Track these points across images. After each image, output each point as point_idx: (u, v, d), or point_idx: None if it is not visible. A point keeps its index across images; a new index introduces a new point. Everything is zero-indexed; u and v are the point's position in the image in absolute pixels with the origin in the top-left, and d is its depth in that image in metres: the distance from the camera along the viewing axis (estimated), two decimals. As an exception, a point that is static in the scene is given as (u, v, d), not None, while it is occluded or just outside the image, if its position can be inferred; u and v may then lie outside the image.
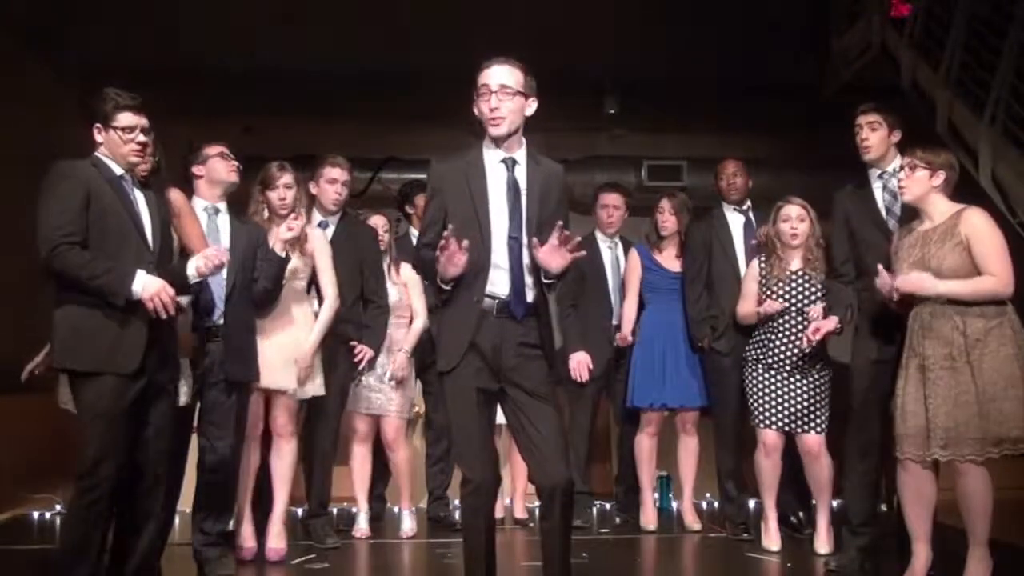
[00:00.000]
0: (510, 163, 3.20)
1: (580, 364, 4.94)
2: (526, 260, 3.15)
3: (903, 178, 3.75)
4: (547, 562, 3.15)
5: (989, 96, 5.30)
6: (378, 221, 4.94)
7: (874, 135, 4.17)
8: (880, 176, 4.22)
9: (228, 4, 6.25)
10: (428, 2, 6.42)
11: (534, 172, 3.21)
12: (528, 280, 3.16)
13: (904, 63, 6.15)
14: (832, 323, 4.18)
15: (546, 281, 3.14)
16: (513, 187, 3.18)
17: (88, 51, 6.46)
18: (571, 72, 6.72)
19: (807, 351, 4.35)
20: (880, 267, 3.80)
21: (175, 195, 3.91)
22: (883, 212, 4.16)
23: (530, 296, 3.17)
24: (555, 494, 3.08)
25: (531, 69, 3.23)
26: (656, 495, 5.32)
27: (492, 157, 3.22)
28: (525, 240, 3.14)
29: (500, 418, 3.39)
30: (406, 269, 4.94)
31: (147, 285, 3.20)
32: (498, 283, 3.15)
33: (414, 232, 5.32)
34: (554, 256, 3.06)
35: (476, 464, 3.13)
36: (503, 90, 3.14)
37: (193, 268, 3.45)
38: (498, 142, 3.19)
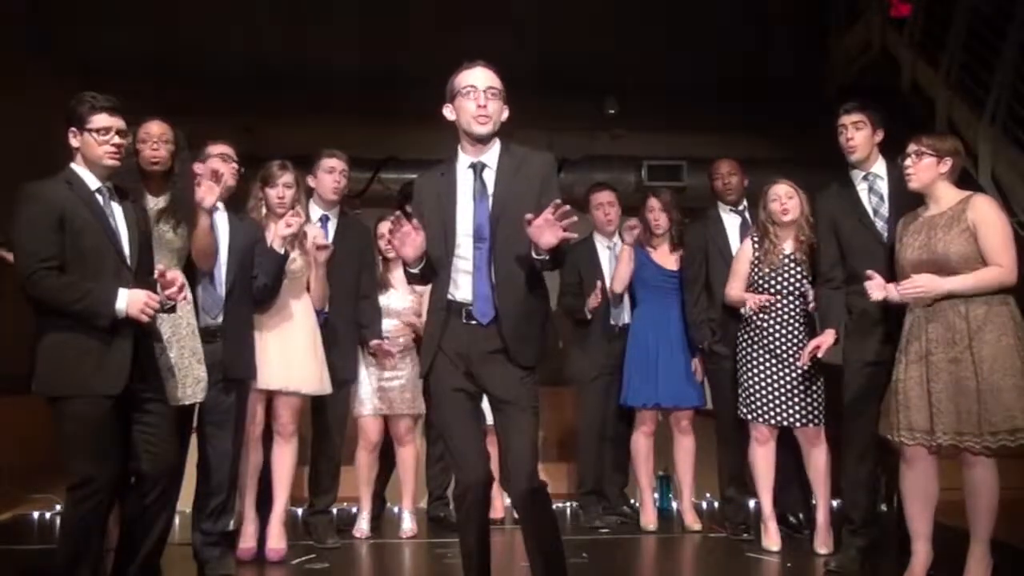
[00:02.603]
0: (479, 167, 3.19)
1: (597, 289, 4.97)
2: (493, 265, 3.14)
3: (909, 165, 3.73)
4: (531, 564, 3.17)
5: (989, 96, 5.31)
6: (386, 228, 4.89)
7: (859, 134, 4.16)
8: (865, 178, 4.20)
9: (228, 4, 6.26)
10: (428, 2, 6.43)
11: (506, 173, 3.18)
12: (495, 283, 3.14)
13: (904, 63, 6.16)
14: (830, 338, 4.15)
15: (536, 257, 3.05)
16: (480, 192, 3.17)
17: (88, 51, 6.47)
18: (571, 72, 6.74)
19: (806, 367, 4.33)
20: (870, 272, 3.78)
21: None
22: (871, 214, 4.14)
23: (497, 301, 3.13)
24: (517, 501, 3.15)
25: (531, 69, 3.23)
26: (656, 495, 5.31)
27: (463, 163, 3.22)
28: (492, 242, 3.13)
29: (491, 419, 3.40)
30: None
31: (131, 301, 3.15)
32: (464, 288, 3.16)
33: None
34: (545, 231, 2.97)
35: (464, 464, 3.15)
36: (490, 90, 3.14)
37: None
38: (476, 144, 3.18)
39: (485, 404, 3.28)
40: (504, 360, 3.13)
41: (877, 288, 3.73)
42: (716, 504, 5.41)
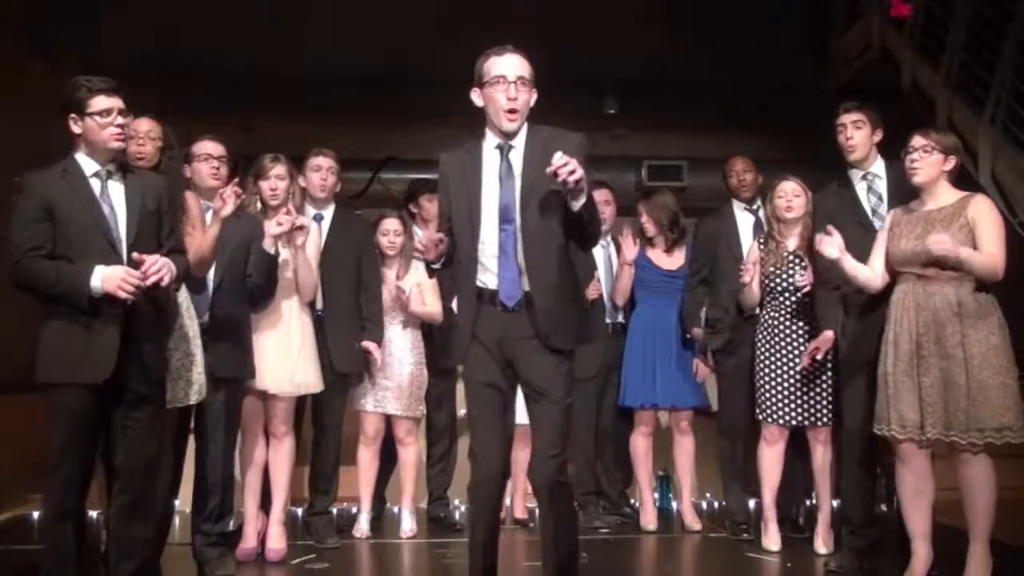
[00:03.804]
0: (506, 148, 3.16)
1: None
2: (519, 248, 3.11)
3: (916, 159, 3.73)
4: (543, 558, 3.17)
5: (989, 96, 5.31)
6: (391, 224, 4.90)
7: (858, 133, 4.17)
8: (864, 177, 4.21)
9: (228, 4, 6.26)
10: (428, 2, 6.42)
11: (534, 153, 3.12)
12: (522, 266, 3.10)
13: (904, 63, 6.15)
14: (828, 340, 4.15)
15: (572, 202, 2.98)
16: (506, 172, 3.14)
17: (88, 51, 6.46)
18: (571, 72, 6.73)
19: (806, 367, 4.32)
20: (829, 228, 3.82)
21: (189, 199, 3.90)
22: (869, 214, 4.13)
23: (526, 284, 3.11)
24: (539, 491, 3.16)
25: (531, 69, 3.21)
26: (656, 495, 5.31)
27: (489, 143, 3.20)
28: (519, 223, 3.10)
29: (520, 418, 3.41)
30: (418, 267, 4.94)
31: (107, 278, 3.10)
32: (491, 273, 3.14)
33: (418, 232, 5.32)
34: (562, 173, 2.91)
35: (483, 457, 3.15)
36: (521, 81, 3.11)
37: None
38: (506, 134, 3.15)
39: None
40: (539, 346, 3.09)
41: (832, 245, 3.75)
42: (716, 504, 5.41)
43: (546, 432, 3.10)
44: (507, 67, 3.11)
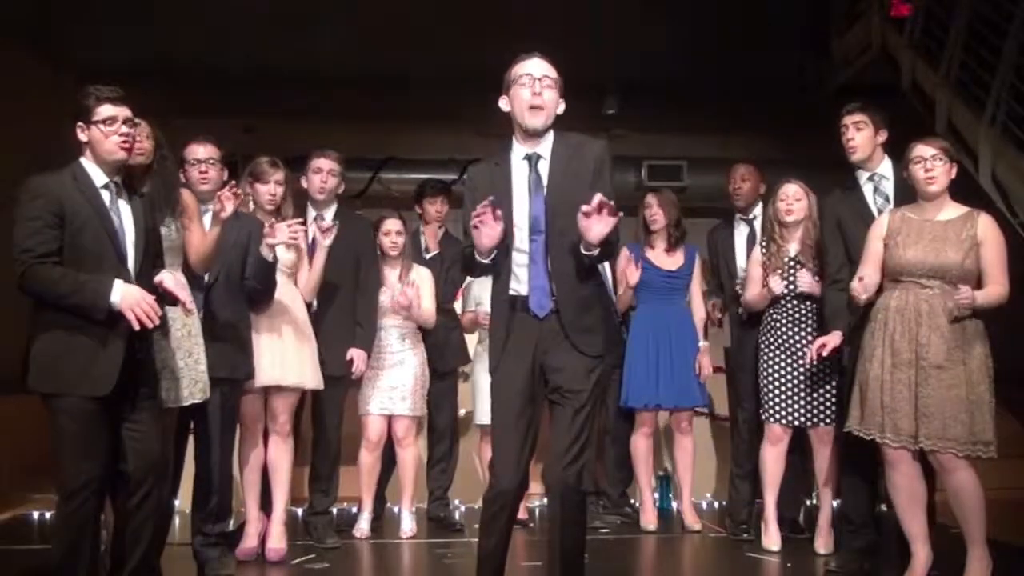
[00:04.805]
0: (534, 159, 3.19)
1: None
2: (549, 257, 3.13)
3: (932, 168, 3.72)
4: (548, 559, 3.19)
5: (989, 96, 5.30)
6: (394, 225, 4.91)
7: (860, 135, 4.16)
8: (870, 178, 4.21)
9: (228, 4, 6.25)
10: (428, 2, 6.42)
11: (560, 163, 3.16)
12: (552, 275, 3.12)
13: (904, 63, 6.15)
14: (837, 338, 4.13)
15: (586, 253, 3.05)
16: (535, 183, 3.16)
17: (88, 51, 6.47)
18: (571, 72, 6.73)
19: (813, 364, 4.32)
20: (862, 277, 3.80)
21: (186, 196, 3.89)
22: (876, 215, 4.14)
23: (555, 293, 3.13)
24: (551, 494, 3.15)
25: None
26: (656, 495, 5.31)
27: (517, 154, 3.22)
28: (548, 233, 3.12)
29: None
30: (418, 270, 4.95)
31: (125, 295, 3.09)
32: (523, 281, 3.16)
33: (422, 232, 5.33)
34: (593, 224, 2.96)
35: (501, 469, 3.15)
36: (546, 80, 3.16)
37: (159, 278, 3.33)
38: (530, 135, 3.18)
39: None
40: (571, 347, 3.12)
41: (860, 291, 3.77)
42: (716, 504, 5.40)
43: (566, 436, 3.10)
44: (533, 67, 3.17)
